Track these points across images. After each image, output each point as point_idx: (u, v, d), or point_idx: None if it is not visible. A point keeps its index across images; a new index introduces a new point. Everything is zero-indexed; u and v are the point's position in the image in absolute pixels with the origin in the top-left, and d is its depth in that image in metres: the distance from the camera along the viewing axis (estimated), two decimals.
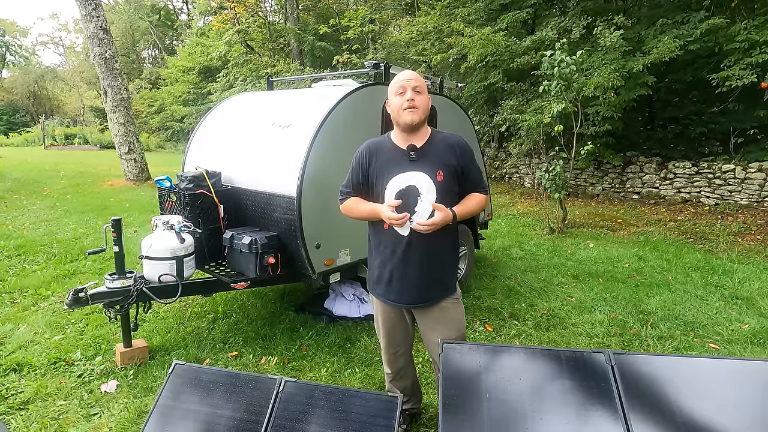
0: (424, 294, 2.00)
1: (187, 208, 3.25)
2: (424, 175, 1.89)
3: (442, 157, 1.93)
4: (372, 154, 2.00)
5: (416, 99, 1.88)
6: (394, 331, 2.15)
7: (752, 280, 4.62)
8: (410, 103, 1.87)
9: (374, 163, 1.98)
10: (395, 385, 2.31)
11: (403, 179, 1.90)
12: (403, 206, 1.89)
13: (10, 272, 4.62)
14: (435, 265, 1.98)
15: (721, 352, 3.19)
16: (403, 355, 2.23)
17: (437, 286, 2.01)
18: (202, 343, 3.23)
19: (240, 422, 1.79)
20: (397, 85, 1.91)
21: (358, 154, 2.05)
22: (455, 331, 2.04)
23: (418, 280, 1.97)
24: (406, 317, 2.13)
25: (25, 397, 2.57)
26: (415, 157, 1.92)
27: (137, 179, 10.58)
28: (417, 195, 1.89)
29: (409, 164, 1.92)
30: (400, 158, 1.94)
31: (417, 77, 1.92)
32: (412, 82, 1.88)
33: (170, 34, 33.33)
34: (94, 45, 9.98)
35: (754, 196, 7.34)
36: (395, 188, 1.91)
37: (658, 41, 7.42)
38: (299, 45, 18.10)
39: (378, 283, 2.08)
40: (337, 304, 3.67)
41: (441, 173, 1.90)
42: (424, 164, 1.91)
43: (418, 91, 1.88)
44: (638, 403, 1.61)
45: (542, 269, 4.97)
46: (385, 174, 1.94)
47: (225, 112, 4.08)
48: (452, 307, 2.05)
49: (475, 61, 9.44)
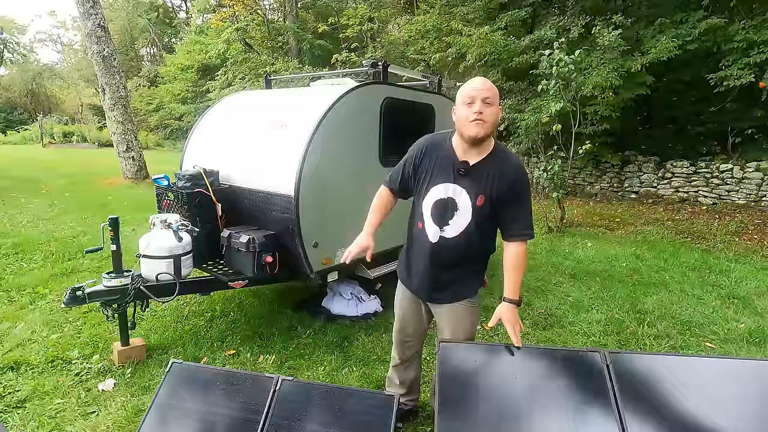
0: (440, 293, 2.04)
1: (185, 207, 3.25)
2: (466, 195, 1.85)
3: (491, 183, 1.83)
4: (428, 152, 1.94)
5: (485, 112, 1.74)
6: (407, 318, 2.21)
7: (749, 279, 4.64)
8: (478, 117, 1.74)
9: (427, 161, 1.93)
10: (397, 373, 2.33)
11: (447, 189, 1.87)
12: (438, 216, 1.90)
13: (7, 270, 4.61)
14: (456, 271, 1.99)
15: (717, 351, 3.20)
16: (413, 347, 2.27)
17: (454, 287, 2.02)
18: (200, 341, 3.23)
19: (237, 421, 1.79)
20: (466, 95, 1.78)
21: (415, 146, 2.00)
22: (464, 332, 2.05)
23: (437, 281, 2.01)
24: (422, 309, 2.16)
25: (22, 395, 2.57)
26: (464, 173, 1.85)
27: (135, 177, 10.56)
28: (454, 210, 1.87)
29: (457, 177, 1.86)
30: (452, 167, 1.87)
31: (489, 86, 1.78)
32: (483, 93, 1.75)
33: (169, 31, 33.22)
34: (92, 43, 9.95)
35: (751, 196, 7.37)
36: (436, 195, 1.89)
37: (657, 41, 7.43)
38: (298, 43, 18.08)
39: (404, 269, 2.14)
40: (335, 302, 3.67)
41: (482, 199, 1.83)
42: (471, 184, 1.84)
43: (488, 102, 1.75)
44: (633, 402, 1.62)
45: (540, 268, 4.98)
46: (431, 177, 1.91)
47: (223, 110, 4.08)
48: (467, 310, 2.05)
49: (474, 60, 9.45)
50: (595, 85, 7.19)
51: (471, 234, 1.89)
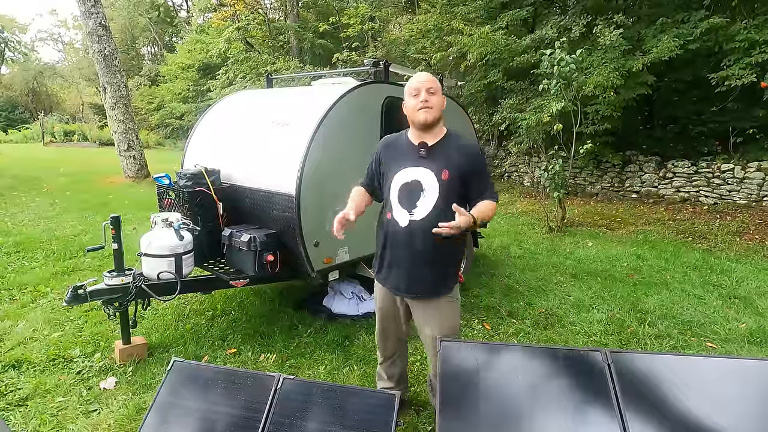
0: (419, 288, 2.06)
1: (186, 206, 3.25)
2: (430, 173, 1.97)
3: (451, 158, 1.99)
4: (387, 147, 2.15)
5: (430, 99, 1.96)
6: (386, 317, 2.26)
7: (750, 279, 4.63)
8: (424, 104, 1.95)
9: (388, 155, 2.12)
10: (384, 369, 2.40)
11: (410, 173, 2.00)
12: (405, 199, 1.99)
13: (9, 269, 4.62)
14: (430, 259, 2.02)
15: (718, 351, 3.20)
16: (394, 344, 2.32)
17: (434, 282, 2.05)
18: (201, 340, 3.23)
19: (238, 419, 1.80)
20: (412, 87, 1.99)
21: (376, 148, 2.20)
22: (447, 329, 2.08)
23: (412, 270, 2.04)
24: (399, 307, 2.20)
25: (24, 393, 2.58)
26: (424, 154, 2.00)
27: (136, 176, 10.56)
28: (420, 191, 1.97)
29: (418, 160, 2.00)
30: (411, 153, 2.03)
31: (431, 79, 2.00)
32: (426, 84, 1.96)
33: (170, 30, 33.21)
34: (93, 42, 9.94)
35: (752, 196, 7.35)
36: (401, 180, 2.01)
37: (658, 40, 7.41)
38: (299, 42, 18.06)
39: (378, 269, 2.19)
40: (336, 302, 3.68)
41: (446, 173, 1.97)
42: (432, 162, 1.99)
43: (431, 92, 1.96)
44: (635, 401, 1.62)
45: (541, 268, 4.97)
46: (395, 166, 2.05)
47: (224, 109, 4.08)
48: (447, 306, 2.09)
49: (475, 59, 9.43)
50: (596, 85, 7.18)
51: (440, 213, 1.93)
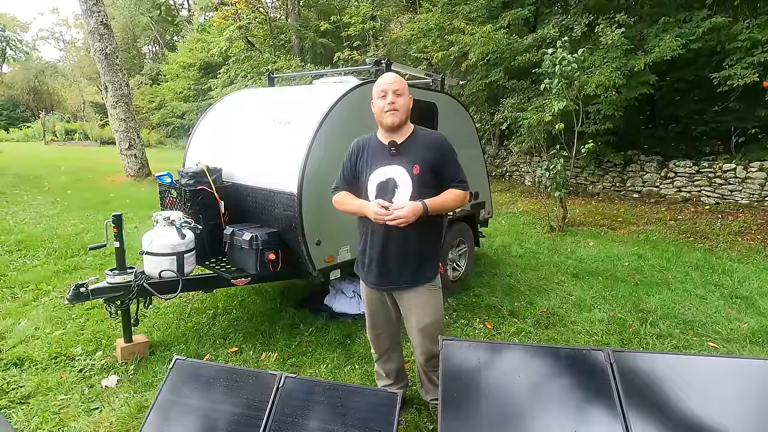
0: (399, 278, 2.12)
1: (188, 204, 3.25)
2: (402, 169, 2.03)
3: (420, 153, 2.06)
4: (360, 149, 2.17)
5: (396, 101, 2.01)
6: (376, 314, 2.30)
7: (752, 279, 4.62)
8: (391, 107, 2.01)
9: (361, 157, 2.15)
10: (381, 366, 2.43)
11: (384, 172, 2.06)
12: (381, 197, 2.04)
13: (10, 267, 4.63)
14: (411, 252, 2.09)
15: (719, 351, 3.20)
16: (388, 338, 2.36)
17: (412, 271, 2.11)
18: (203, 338, 3.24)
19: (240, 417, 1.80)
20: (379, 89, 2.04)
21: (349, 149, 2.22)
22: (430, 315, 2.15)
23: (393, 265, 2.10)
24: (387, 301, 2.25)
25: (26, 391, 2.59)
26: (395, 152, 2.06)
27: (138, 175, 10.57)
28: (395, 187, 2.04)
29: (390, 158, 2.07)
30: (383, 153, 2.09)
31: (398, 80, 2.05)
32: (393, 85, 2.02)
33: (171, 29, 33.24)
34: (94, 40, 9.95)
35: (754, 196, 7.33)
36: (376, 180, 2.07)
37: (660, 40, 7.39)
38: (300, 41, 18.05)
39: (361, 266, 2.23)
40: (337, 300, 3.68)
41: (417, 167, 2.03)
42: (403, 159, 2.05)
43: (398, 93, 2.02)
44: (637, 401, 1.62)
45: (542, 267, 4.97)
46: (368, 167, 2.10)
47: (226, 108, 4.08)
48: (429, 294, 2.15)
49: (477, 58, 9.42)
50: (598, 84, 7.16)
51: None
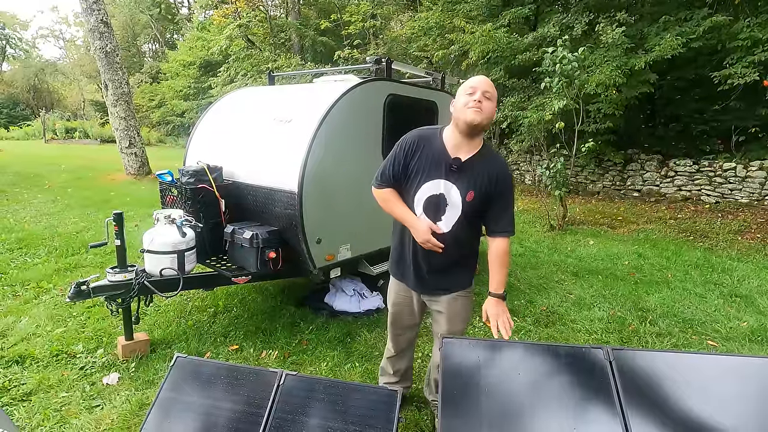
0: (436, 285, 2.09)
1: (189, 203, 3.26)
2: (456, 191, 1.91)
3: (479, 178, 1.90)
4: (418, 147, 1.95)
5: (484, 102, 1.82)
6: (401, 313, 2.27)
7: (751, 278, 4.63)
8: (477, 104, 1.81)
9: (419, 156, 1.94)
10: (392, 363, 2.42)
11: (438, 185, 1.92)
12: (431, 212, 1.95)
13: (11, 265, 4.63)
14: (451, 263, 2.04)
15: (719, 350, 3.20)
16: (407, 338, 2.35)
17: (450, 279, 2.08)
18: (203, 336, 3.25)
19: (241, 415, 1.80)
20: (468, 86, 1.86)
21: (405, 141, 1.98)
22: (463, 323, 2.14)
23: (432, 273, 2.05)
24: (414, 304, 2.21)
25: (27, 388, 2.59)
26: (455, 170, 1.90)
27: (138, 173, 10.57)
28: (445, 206, 1.94)
29: (448, 173, 1.91)
30: (443, 163, 1.91)
31: (490, 84, 1.87)
32: (484, 86, 1.84)
33: (171, 28, 33.18)
34: (94, 38, 9.94)
35: (754, 195, 7.34)
36: (428, 192, 1.94)
37: (661, 38, 7.39)
38: (300, 40, 18.03)
39: (395, 264, 2.19)
40: (338, 299, 3.68)
41: (472, 194, 1.90)
42: (460, 179, 1.90)
43: (487, 96, 1.84)
44: (636, 399, 1.62)
45: (542, 266, 4.98)
46: (423, 173, 1.94)
47: (226, 106, 4.08)
48: (462, 300, 2.12)
49: (477, 57, 9.41)
50: (598, 83, 7.16)
51: (462, 227, 1.96)
